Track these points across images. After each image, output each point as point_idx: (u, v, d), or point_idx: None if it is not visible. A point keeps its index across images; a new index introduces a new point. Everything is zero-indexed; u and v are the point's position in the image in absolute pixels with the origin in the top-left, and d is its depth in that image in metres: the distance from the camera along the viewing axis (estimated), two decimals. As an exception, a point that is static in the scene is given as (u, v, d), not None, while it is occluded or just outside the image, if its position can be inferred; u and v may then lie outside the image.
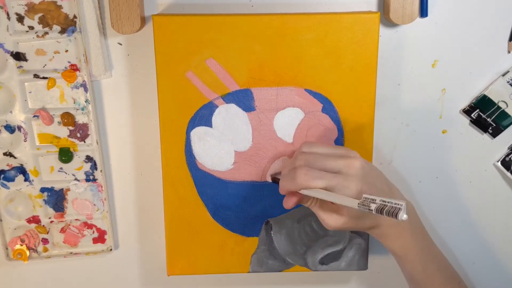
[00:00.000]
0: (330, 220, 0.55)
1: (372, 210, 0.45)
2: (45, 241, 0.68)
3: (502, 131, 0.66)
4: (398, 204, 0.44)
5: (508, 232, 0.71)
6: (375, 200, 0.46)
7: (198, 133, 0.62)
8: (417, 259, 0.59)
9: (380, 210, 0.45)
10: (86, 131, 0.64)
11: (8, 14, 0.60)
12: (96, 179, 0.66)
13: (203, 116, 0.62)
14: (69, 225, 0.68)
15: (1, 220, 0.66)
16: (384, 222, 0.56)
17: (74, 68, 0.62)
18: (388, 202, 0.45)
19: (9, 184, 0.65)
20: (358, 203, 0.47)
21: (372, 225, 0.56)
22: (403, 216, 0.43)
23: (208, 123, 0.62)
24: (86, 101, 0.63)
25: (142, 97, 0.65)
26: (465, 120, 0.67)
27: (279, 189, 0.57)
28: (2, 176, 0.65)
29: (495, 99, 0.65)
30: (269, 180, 0.63)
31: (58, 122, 0.64)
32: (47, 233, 0.68)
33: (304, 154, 0.55)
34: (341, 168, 0.53)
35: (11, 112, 0.63)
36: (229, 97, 0.61)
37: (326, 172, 0.52)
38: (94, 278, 0.71)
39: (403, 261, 0.59)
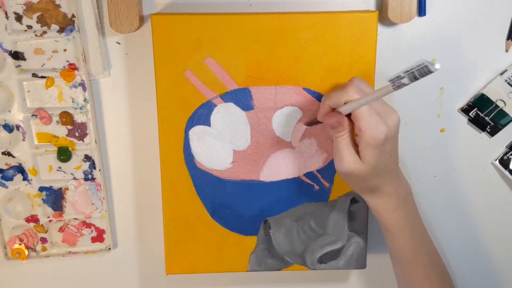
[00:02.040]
0: (349, 159, 0.54)
1: (406, 84, 0.43)
2: (43, 240, 0.68)
3: (500, 129, 0.67)
4: (422, 64, 0.41)
5: (506, 231, 0.71)
6: (400, 75, 0.44)
7: (196, 132, 0.62)
8: (408, 238, 0.59)
9: (413, 78, 0.43)
10: (85, 130, 0.64)
11: (6, 13, 0.60)
12: (95, 178, 0.66)
13: (201, 115, 0.62)
14: (68, 224, 0.68)
15: (-1, 220, 0.67)
16: (384, 190, 0.57)
17: (72, 67, 0.62)
18: (412, 68, 0.43)
19: (7, 183, 0.65)
20: (391, 86, 0.45)
21: (375, 186, 0.56)
22: (434, 66, 0.40)
23: (207, 122, 0.62)
24: (85, 100, 0.63)
25: (141, 96, 0.65)
26: (463, 119, 0.67)
27: (320, 109, 0.56)
28: (1, 175, 0.65)
29: (493, 98, 0.65)
30: (304, 125, 0.62)
31: (56, 121, 0.64)
32: (46, 232, 0.68)
33: (355, 84, 0.55)
34: (381, 112, 0.54)
35: (9, 111, 0.63)
36: (227, 96, 0.61)
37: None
38: (93, 277, 0.71)
39: (394, 238, 0.60)
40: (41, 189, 0.66)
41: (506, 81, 0.65)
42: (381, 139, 0.53)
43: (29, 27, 0.61)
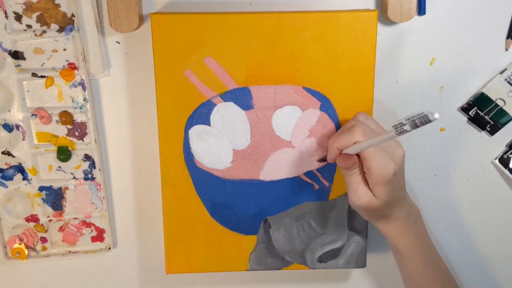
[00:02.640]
0: (363, 195, 0.56)
1: (407, 131, 0.46)
2: (43, 239, 0.68)
3: (500, 128, 0.67)
4: (422, 113, 0.44)
5: (506, 229, 0.71)
6: (402, 122, 0.46)
7: (196, 131, 0.62)
8: (419, 260, 0.60)
9: (414, 125, 0.45)
10: (85, 129, 0.64)
11: (6, 13, 0.60)
12: (95, 178, 0.66)
13: (201, 114, 0.62)
14: (68, 223, 0.68)
15: (-1, 219, 0.67)
16: (394, 216, 0.58)
17: (72, 66, 0.62)
18: (413, 116, 0.45)
19: (7, 183, 0.65)
20: (395, 132, 0.48)
21: (386, 214, 0.58)
22: (434, 115, 0.43)
23: (207, 122, 0.62)
24: (84, 99, 0.63)
25: (140, 95, 0.65)
26: (463, 118, 0.67)
27: (329, 151, 0.58)
28: (1, 175, 0.65)
29: (493, 96, 0.65)
30: (317, 162, 0.64)
31: (56, 120, 0.64)
32: (46, 231, 0.68)
33: (360, 122, 0.57)
34: (388, 147, 0.55)
35: (9, 111, 0.63)
36: (227, 96, 0.61)
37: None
38: (93, 277, 0.71)
39: (405, 259, 0.61)
40: (41, 188, 0.66)
41: (506, 80, 0.65)
42: (390, 176, 0.54)
43: (29, 26, 0.60)
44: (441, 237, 0.71)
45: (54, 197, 0.66)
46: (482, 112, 0.66)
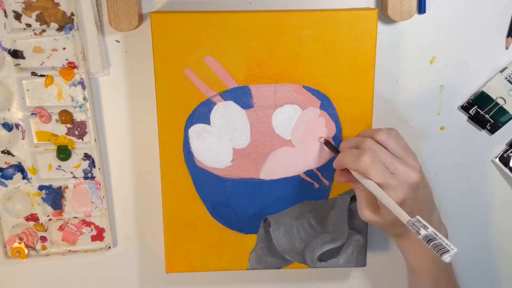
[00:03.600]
0: (367, 212, 0.56)
1: (419, 235, 0.45)
2: (43, 239, 0.68)
3: (500, 127, 0.67)
4: (449, 246, 0.43)
5: (507, 228, 0.71)
6: (428, 228, 0.45)
7: (196, 130, 0.62)
8: (431, 281, 0.59)
9: (428, 240, 0.44)
10: (84, 128, 0.64)
11: (5, 12, 0.60)
12: (95, 177, 0.66)
13: (201, 113, 0.62)
14: (68, 223, 0.68)
15: (-1, 218, 0.66)
16: (409, 236, 0.57)
17: (71, 65, 0.62)
18: (440, 238, 0.44)
19: (7, 182, 0.65)
20: (408, 221, 0.47)
21: (399, 234, 0.57)
22: (447, 258, 0.43)
23: (206, 121, 0.62)
24: (84, 98, 0.63)
25: (140, 94, 0.64)
26: (463, 116, 0.67)
27: (333, 162, 0.58)
28: (0, 174, 0.65)
29: (493, 95, 0.65)
30: (321, 141, 0.62)
31: (56, 120, 0.63)
32: (46, 231, 0.68)
33: (374, 143, 0.55)
34: (399, 173, 0.53)
35: (8, 110, 0.63)
36: (227, 94, 0.61)
37: (387, 169, 0.53)
38: (93, 276, 0.71)
39: (418, 279, 0.59)
40: (41, 187, 0.66)
41: (506, 78, 0.65)
42: (398, 203, 0.52)
43: (28, 25, 0.60)
44: (441, 236, 0.70)
45: (54, 196, 0.66)
46: (482, 111, 0.66)
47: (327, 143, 0.62)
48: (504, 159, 0.68)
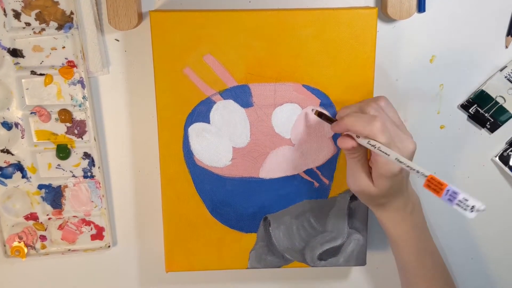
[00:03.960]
0: (361, 182, 0.56)
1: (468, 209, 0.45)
2: (43, 238, 0.68)
3: (500, 126, 0.67)
4: (476, 201, 0.44)
5: (506, 228, 0.71)
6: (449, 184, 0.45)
7: (196, 129, 0.62)
8: (412, 250, 0.60)
9: (449, 202, 0.45)
10: (84, 127, 0.64)
11: (4, 11, 0.60)
12: (94, 176, 0.66)
13: (201, 112, 0.61)
14: (67, 222, 0.68)
15: (-2, 217, 0.66)
16: (391, 206, 0.58)
17: (71, 64, 0.62)
18: (460, 199, 0.45)
19: (6, 181, 0.65)
20: (418, 173, 0.47)
21: (384, 203, 0.57)
22: (481, 206, 0.43)
23: (206, 119, 0.62)
24: (84, 97, 0.63)
25: (140, 93, 0.64)
26: (463, 115, 0.67)
27: (338, 125, 0.55)
28: (0, 173, 0.65)
29: (493, 94, 0.65)
30: (312, 113, 0.61)
31: (55, 119, 0.63)
32: (45, 230, 0.68)
33: (379, 107, 0.55)
34: (399, 142, 0.54)
35: (8, 109, 0.63)
36: (227, 93, 0.61)
37: (391, 135, 0.53)
38: (93, 275, 0.71)
39: (399, 249, 0.60)
40: (40, 186, 0.66)
41: (506, 77, 0.65)
42: (396, 172, 0.54)
43: (28, 24, 0.60)
44: (440, 235, 0.70)
45: (54, 195, 0.66)
46: (482, 110, 0.66)
47: (320, 114, 0.60)
48: (504, 158, 0.68)
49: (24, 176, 0.65)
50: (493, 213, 0.70)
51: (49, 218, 0.67)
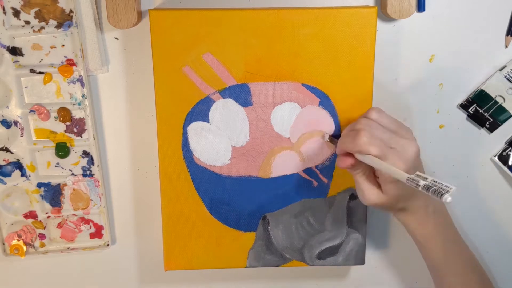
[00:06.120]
0: (370, 194, 0.56)
1: (419, 186, 0.46)
2: (42, 236, 0.68)
3: (499, 125, 0.67)
4: (448, 187, 0.44)
5: (505, 227, 0.71)
6: (427, 178, 0.46)
7: (195, 128, 0.62)
8: (439, 249, 0.60)
9: (427, 188, 0.45)
10: (83, 126, 0.64)
11: (4, 9, 0.59)
12: (93, 174, 0.66)
13: (200, 111, 0.61)
14: (66, 220, 0.68)
15: (-2, 216, 0.66)
16: (411, 209, 0.58)
17: (70, 63, 0.62)
18: (438, 183, 0.45)
19: (5, 179, 0.65)
20: (408, 178, 0.48)
21: (402, 208, 0.58)
22: (448, 198, 0.43)
23: (205, 118, 0.62)
24: (83, 96, 0.63)
25: (139, 92, 0.64)
26: (462, 115, 0.67)
27: (336, 148, 0.58)
28: (-1, 171, 0.65)
29: (492, 93, 0.65)
30: (326, 139, 0.63)
31: (54, 117, 0.63)
32: (44, 228, 0.68)
33: (368, 120, 0.56)
34: (398, 146, 0.54)
35: (7, 107, 0.63)
36: (226, 92, 0.61)
37: (384, 143, 0.54)
38: (91, 274, 0.71)
39: (426, 250, 0.61)
40: (39, 185, 0.66)
41: (505, 77, 0.65)
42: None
43: (27, 22, 0.60)
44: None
45: (53, 194, 0.66)
46: (481, 109, 0.66)
47: (332, 140, 0.62)
48: (503, 158, 0.68)
49: (23, 174, 0.65)
50: (492, 212, 0.70)
51: (48, 217, 0.67)
